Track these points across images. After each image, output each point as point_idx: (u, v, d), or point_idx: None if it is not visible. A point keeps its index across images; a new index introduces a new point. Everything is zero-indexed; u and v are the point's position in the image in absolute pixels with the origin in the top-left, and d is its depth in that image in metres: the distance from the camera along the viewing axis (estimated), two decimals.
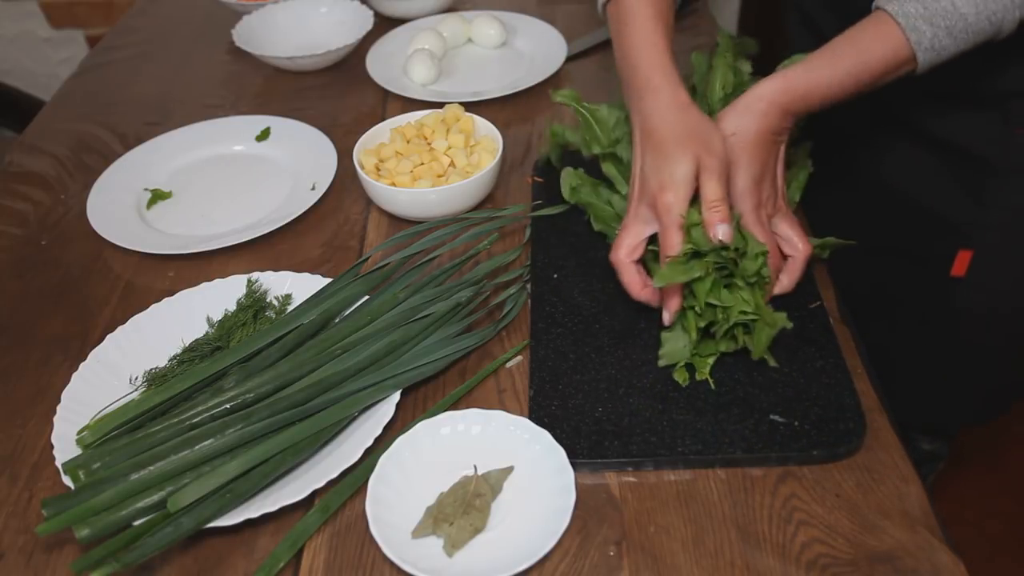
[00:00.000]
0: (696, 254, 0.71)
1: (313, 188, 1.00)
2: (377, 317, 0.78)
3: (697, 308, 0.71)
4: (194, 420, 0.69)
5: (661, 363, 0.74)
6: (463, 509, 0.65)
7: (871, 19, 0.72)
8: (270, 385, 0.71)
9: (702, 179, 0.72)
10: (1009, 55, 0.78)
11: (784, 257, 0.78)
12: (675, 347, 0.73)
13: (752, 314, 0.71)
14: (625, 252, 0.76)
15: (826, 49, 0.73)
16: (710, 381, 0.73)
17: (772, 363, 0.73)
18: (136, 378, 0.77)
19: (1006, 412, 1.10)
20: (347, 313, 0.80)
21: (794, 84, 0.73)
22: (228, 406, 0.70)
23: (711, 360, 0.73)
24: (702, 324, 0.72)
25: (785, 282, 0.78)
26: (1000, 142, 0.84)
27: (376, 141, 1.00)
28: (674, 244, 0.71)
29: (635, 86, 0.78)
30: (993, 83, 0.81)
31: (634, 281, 0.76)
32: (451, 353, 0.77)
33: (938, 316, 0.96)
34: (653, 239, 0.76)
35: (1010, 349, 0.99)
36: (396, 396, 0.73)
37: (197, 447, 0.67)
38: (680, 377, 0.73)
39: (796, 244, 0.77)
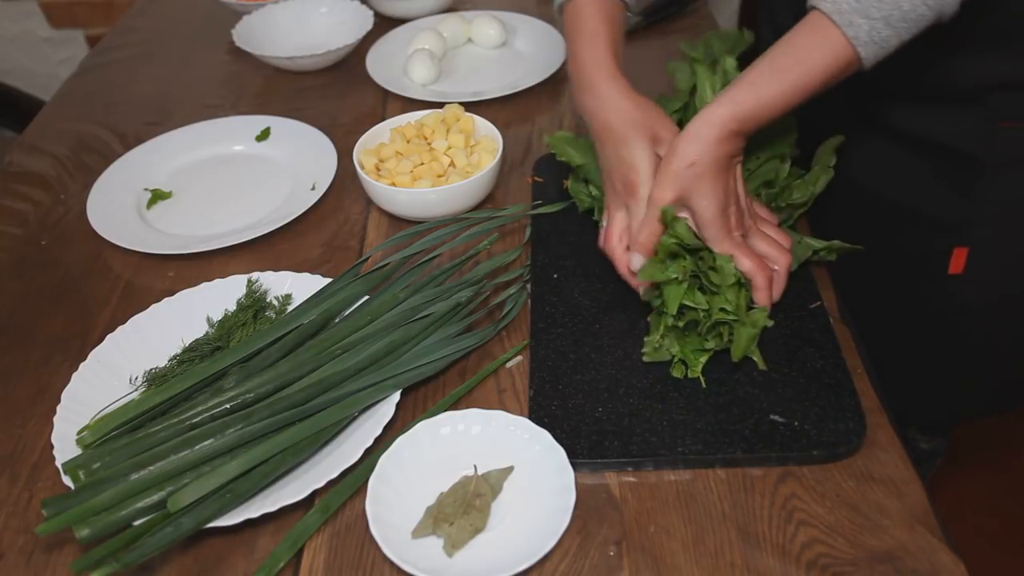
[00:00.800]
0: (675, 255, 0.74)
1: (313, 188, 1.00)
2: (377, 317, 0.78)
3: (669, 312, 0.72)
4: (194, 420, 0.69)
5: (644, 358, 0.75)
6: (463, 509, 0.65)
7: (806, 21, 0.70)
8: (270, 385, 0.71)
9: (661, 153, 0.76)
10: (983, 48, 0.78)
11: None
12: (653, 346, 0.75)
13: (732, 314, 0.71)
14: (616, 239, 0.80)
15: (767, 60, 0.71)
16: (701, 380, 0.73)
17: (762, 365, 0.73)
18: (136, 378, 0.77)
19: (1011, 408, 1.09)
20: (347, 313, 0.80)
21: (742, 107, 0.71)
22: (228, 406, 0.70)
23: (703, 359, 0.73)
24: (680, 324, 0.73)
25: (773, 294, 0.78)
26: (985, 137, 0.83)
27: (376, 141, 1.00)
28: (645, 223, 0.75)
29: (582, 85, 0.82)
30: (971, 78, 0.81)
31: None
32: (451, 353, 0.77)
33: (939, 313, 0.96)
34: None
35: (1013, 340, 0.99)
36: (396, 396, 0.73)
37: (197, 447, 0.67)
38: (677, 372, 0.74)
39: (774, 259, 0.77)
